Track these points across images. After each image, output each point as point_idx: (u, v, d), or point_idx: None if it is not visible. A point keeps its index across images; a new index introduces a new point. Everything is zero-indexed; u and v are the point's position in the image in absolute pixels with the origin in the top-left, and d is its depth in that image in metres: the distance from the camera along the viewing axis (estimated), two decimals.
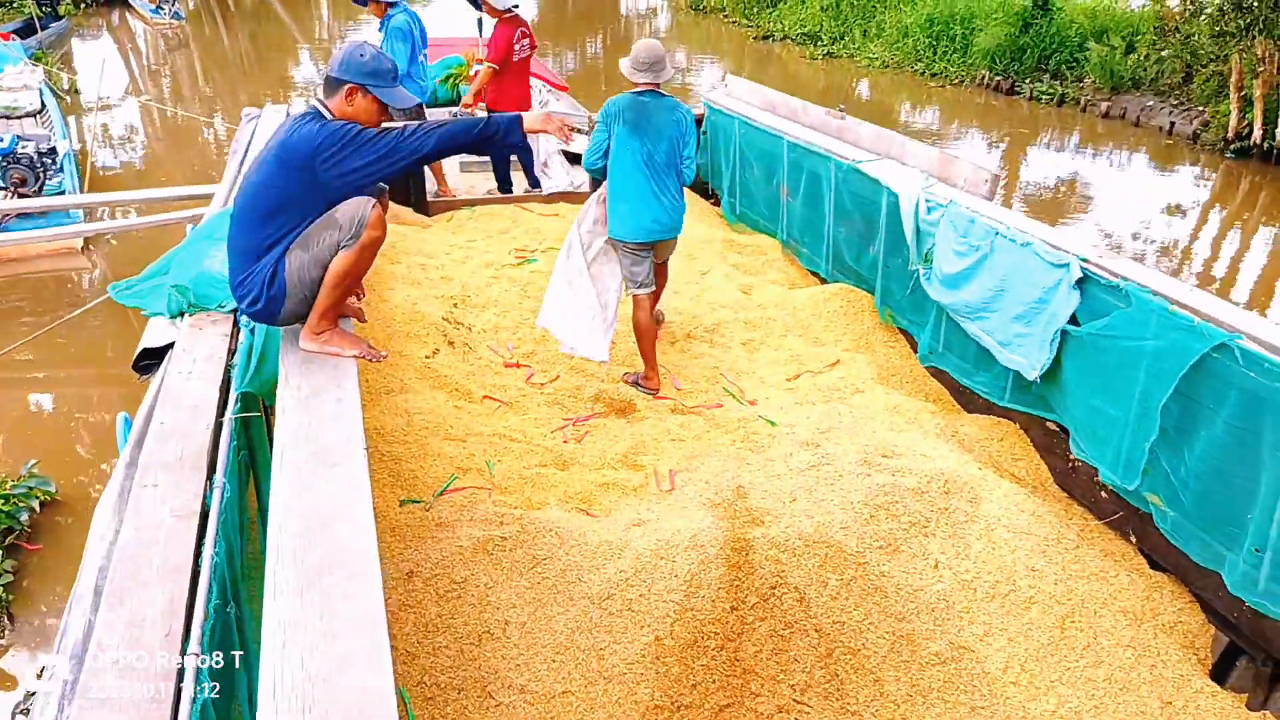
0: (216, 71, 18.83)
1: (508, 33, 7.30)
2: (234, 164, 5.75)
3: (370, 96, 3.09)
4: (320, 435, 2.57)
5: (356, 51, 3.11)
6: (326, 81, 3.13)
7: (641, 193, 4.85)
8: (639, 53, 4.91)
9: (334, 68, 3.10)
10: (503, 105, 7.34)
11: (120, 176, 11.08)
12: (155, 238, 8.51)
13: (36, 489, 4.95)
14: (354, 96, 3.09)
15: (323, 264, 2.99)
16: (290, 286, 3.01)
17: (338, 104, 3.10)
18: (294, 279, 3.00)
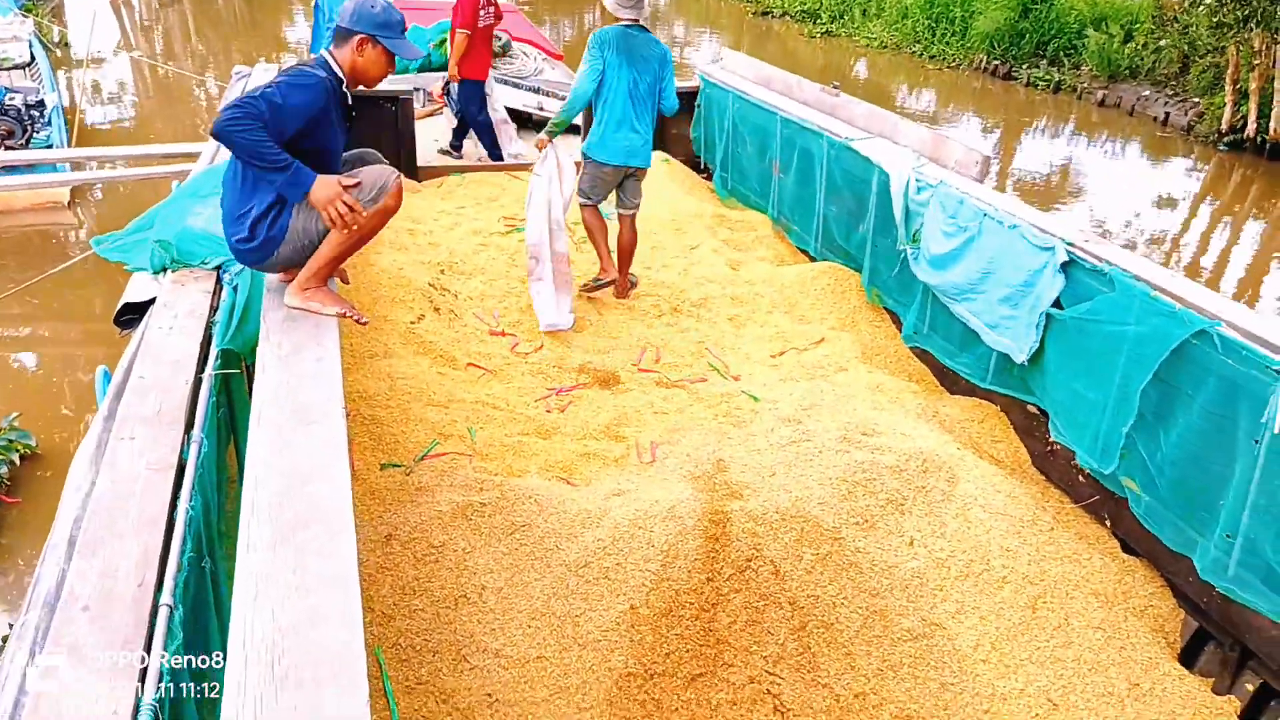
0: (209, 29, 18.64)
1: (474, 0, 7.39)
2: None
3: (380, 47, 3.15)
4: (299, 393, 2.57)
5: (368, 4, 3.14)
6: (337, 32, 3.16)
7: (625, 119, 5.27)
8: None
9: (345, 19, 3.14)
10: (466, 71, 7.53)
11: (109, 132, 10.99)
12: (141, 194, 8.45)
13: (17, 442, 4.93)
14: (364, 47, 3.14)
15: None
16: (291, 232, 3.03)
17: (347, 54, 3.16)
18: (298, 225, 3.03)
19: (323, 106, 3.03)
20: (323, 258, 3.04)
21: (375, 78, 3.24)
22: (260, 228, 3.03)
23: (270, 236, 3.04)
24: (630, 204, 5.59)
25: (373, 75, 3.21)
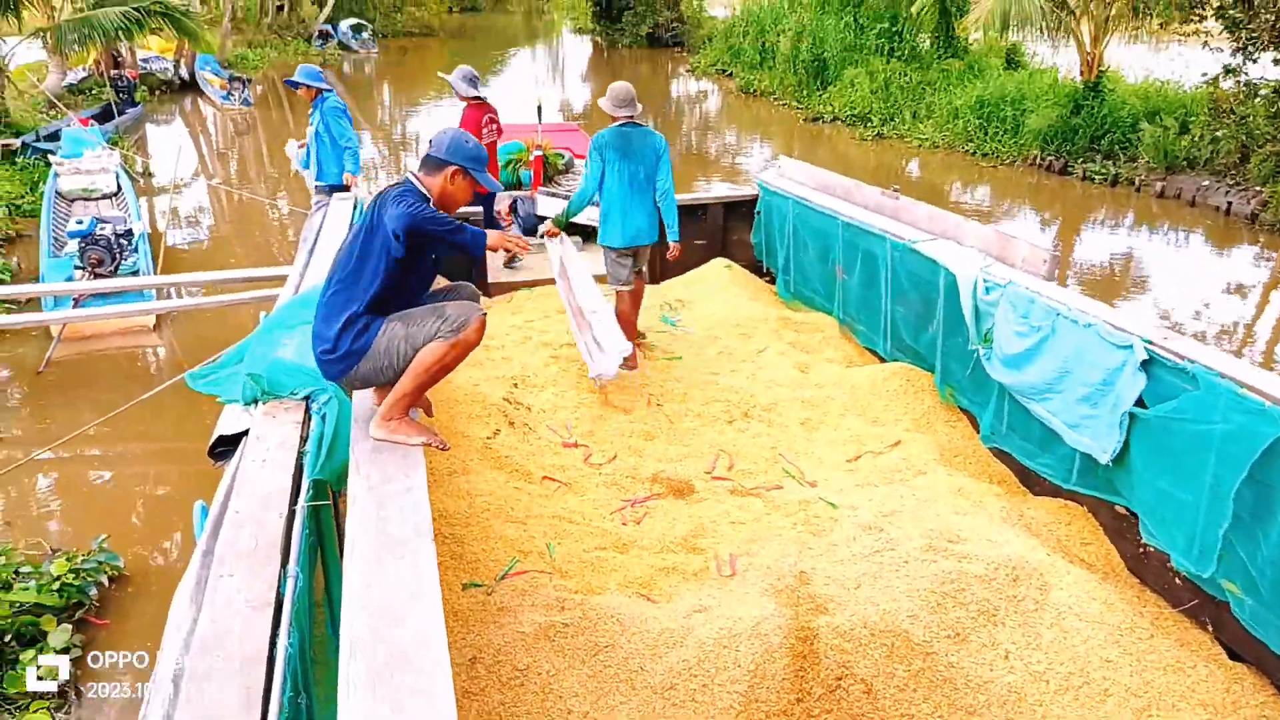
0: (280, 155, 19.49)
1: (475, 116, 7.67)
2: (304, 251, 5.92)
3: (470, 179, 3.42)
4: (390, 525, 2.61)
5: (461, 138, 3.44)
6: (427, 160, 3.41)
7: (627, 207, 5.94)
8: (618, 93, 6.02)
9: (440, 150, 3.40)
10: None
11: (189, 256, 11.45)
12: (224, 315, 8.78)
13: (105, 564, 5.04)
14: (456, 178, 3.40)
15: (415, 345, 3.14)
16: (375, 350, 3.17)
17: (438, 182, 3.40)
18: (382, 344, 3.16)
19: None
20: (404, 389, 3.14)
21: (459, 204, 3.50)
22: (344, 339, 3.19)
23: (353, 350, 3.19)
24: (640, 267, 6.24)
25: (458, 202, 3.47)
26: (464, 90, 7.67)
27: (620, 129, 5.95)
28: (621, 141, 5.92)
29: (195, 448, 6.87)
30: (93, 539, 5.30)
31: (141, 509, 6.31)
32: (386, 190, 3.37)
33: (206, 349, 7.64)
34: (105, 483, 6.67)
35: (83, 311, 8.03)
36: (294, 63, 31.92)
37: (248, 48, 30.67)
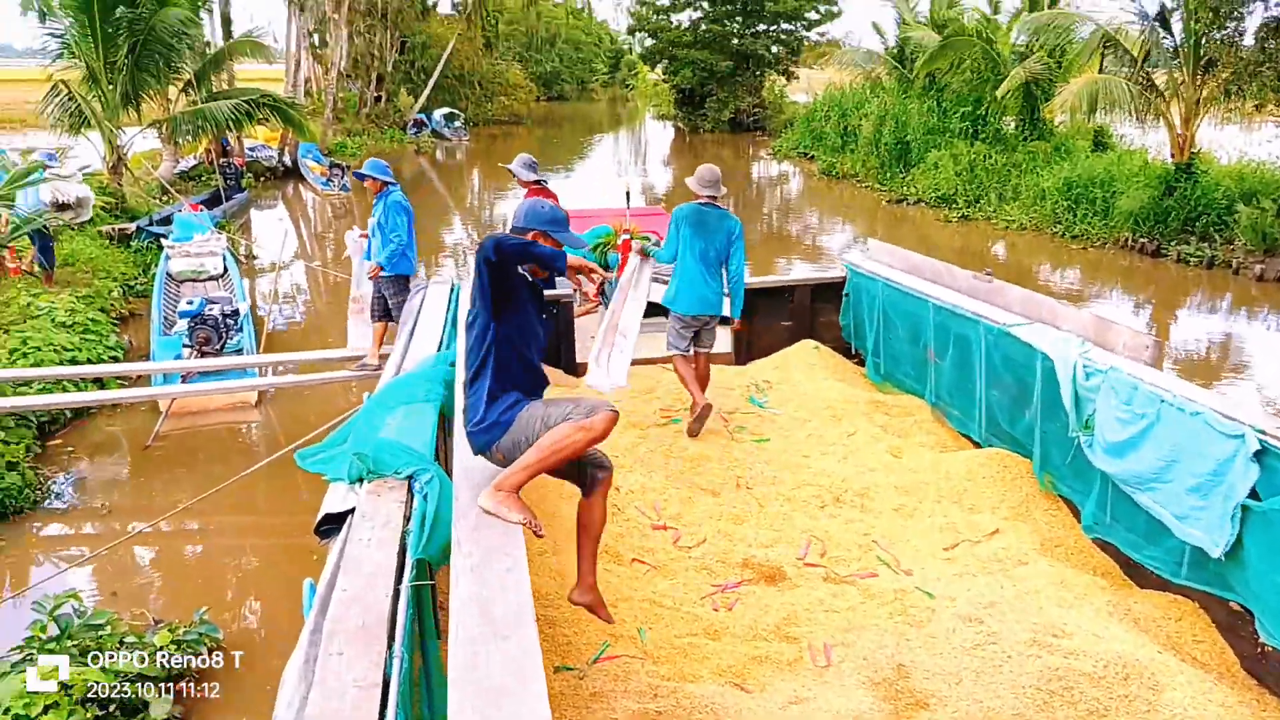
0: None
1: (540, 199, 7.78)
2: (404, 332, 6.10)
3: (551, 240, 3.63)
4: (492, 605, 2.64)
5: (536, 205, 3.71)
6: (513, 231, 3.66)
7: (695, 279, 6.30)
8: (704, 175, 6.40)
9: (519, 219, 3.68)
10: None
11: (287, 335, 11.88)
12: (321, 393, 9.06)
13: (206, 636, 5.17)
14: (537, 242, 3.56)
15: (549, 424, 3.28)
16: (516, 426, 3.37)
17: None
18: (523, 421, 3.36)
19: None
20: (525, 463, 3.24)
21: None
22: (492, 412, 3.40)
23: (499, 422, 3.39)
24: (706, 345, 6.51)
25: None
26: (525, 176, 8.00)
27: (699, 206, 6.34)
28: (698, 218, 6.31)
29: (291, 522, 7.12)
30: (194, 611, 5.44)
31: (240, 582, 6.46)
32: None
33: (304, 426, 7.90)
34: (206, 555, 6.87)
35: (190, 387, 8.37)
36: (390, 150, 33.36)
37: (347, 136, 32.10)
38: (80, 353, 9.26)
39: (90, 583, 6.19)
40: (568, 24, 64.23)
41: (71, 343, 9.31)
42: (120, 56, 15.26)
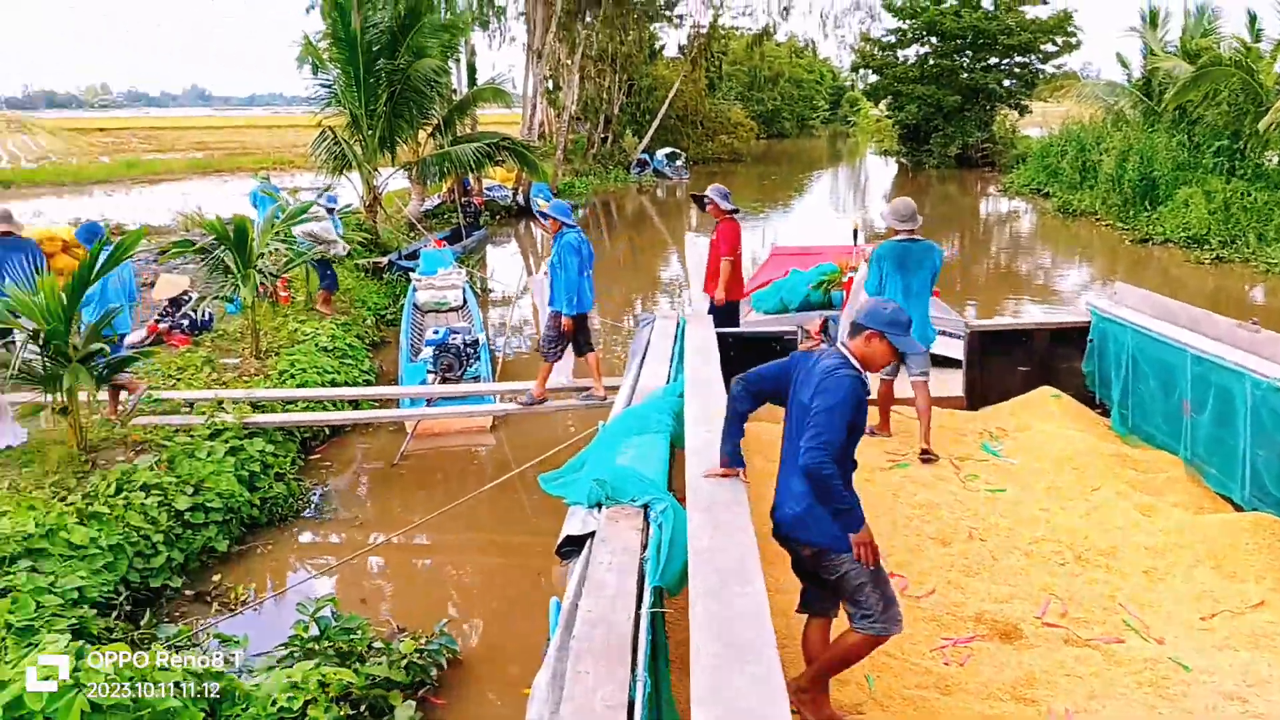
0: (597, 269, 20.91)
1: (735, 228, 8.08)
2: (633, 364, 6.29)
3: (887, 342, 3.68)
4: (733, 630, 2.68)
5: (880, 305, 3.79)
6: (853, 326, 3.76)
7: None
8: (900, 208, 6.55)
9: (860, 316, 3.76)
10: (732, 295, 8.10)
11: (516, 363, 12.45)
12: (550, 420, 9.45)
13: (445, 647, 5.47)
14: (872, 341, 3.69)
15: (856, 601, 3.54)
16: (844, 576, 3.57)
17: (858, 344, 3.72)
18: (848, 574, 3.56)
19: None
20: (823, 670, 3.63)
21: (879, 365, 3.78)
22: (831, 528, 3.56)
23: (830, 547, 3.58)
24: (916, 372, 6.52)
25: (877, 363, 3.75)
26: (724, 205, 8.06)
27: (900, 243, 6.48)
28: (900, 255, 6.47)
29: (519, 542, 7.46)
30: (434, 622, 5.78)
31: (473, 596, 6.82)
32: (816, 358, 3.67)
33: (531, 450, 8.28)
34: (443, 568, 7.30)
35: (434, 411, 8.95)
36: (615, 189, 34.56)
37: (575, 176, 33.51)
38: (339, 375, 10.11)
39: (342, 588, 6.70)
40: (790, 63, 64.43)
41: (332, 365, 10.18)
42: (380, 104, 16.65)
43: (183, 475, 7.04)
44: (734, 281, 8.14)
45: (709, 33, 37.52)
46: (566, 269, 7.89)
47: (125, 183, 37.04)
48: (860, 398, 3.53)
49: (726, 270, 8.02)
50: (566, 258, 7.91)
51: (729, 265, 8.00)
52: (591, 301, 8.24)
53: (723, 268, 8.02)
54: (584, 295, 8.06)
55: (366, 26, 15.99)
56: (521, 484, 8.22)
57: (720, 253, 8.05)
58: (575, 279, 7.92)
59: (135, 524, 6.35)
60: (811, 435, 3.41)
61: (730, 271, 8.03)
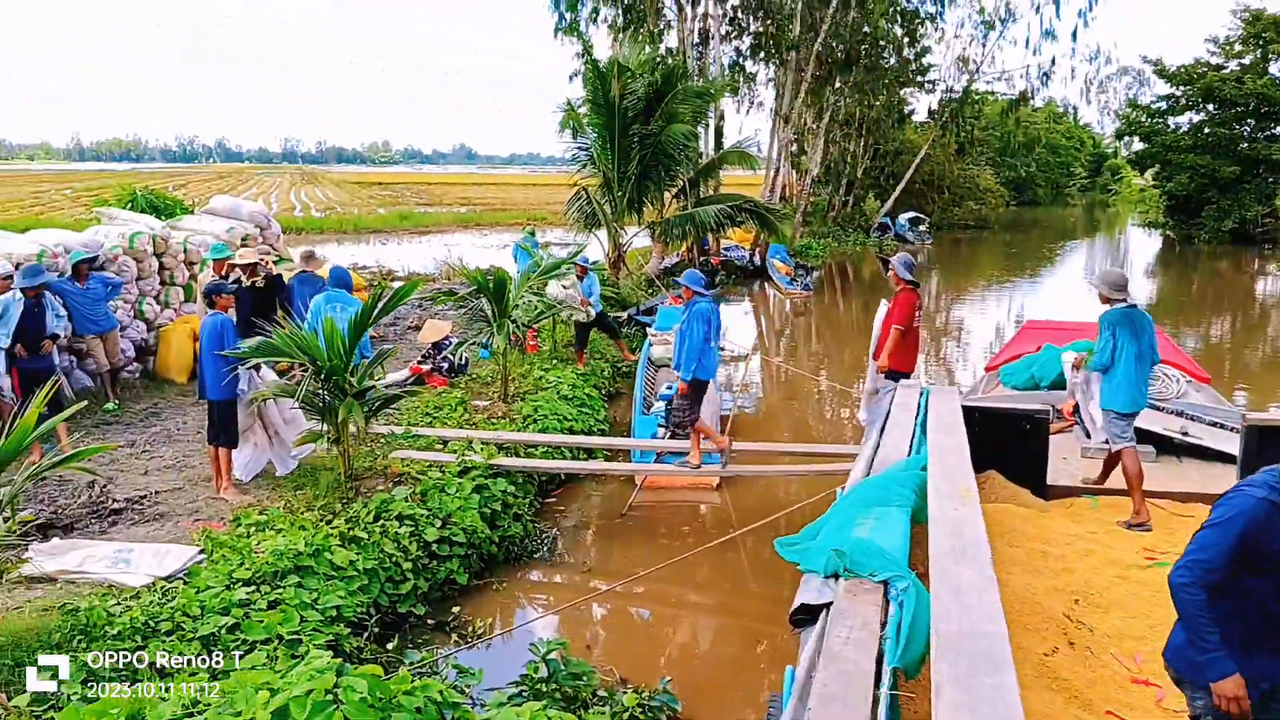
0: (828, 331, 20.73)
1: (911, 299, 8.17)
2: (872, 433, 6.17)
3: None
4: (979, 715, 2.55)
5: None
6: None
7: (1133, 379, 6.60)
8: (1114, 278, 6.81)
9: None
10: (896, 364, 8.17)
11: (744, 422, 12.48)
12: (775, 483, 9.40)
13: (666, 705, 5.49)
14: None
15: None
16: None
17: None
18: None
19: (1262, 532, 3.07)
20: None
21: None
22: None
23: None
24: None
25: None
26: (904, 275, 8.17)
27: (1126, 310, 6.67)
28: (1129, 321, 6.64)
29: (739, 604, 7.42)
30: (654, 674, 5.85)
31: (695, 654, 6.84)
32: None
33: (757, 511, 8.25)
34: (664, 622, 7.37)
35: (662, 467, 9.12)
36: (853, 252, 34.25)
37: (813, 238, 33.49)
38: (577, 423, 10.51)
39: (568, 631, 6.90)
40: (1047, 128, 61.80)
41: (570, 413, 10.60)
42: (631, 167, 17.38)
43: (433, 508, 7.51)
44: (901, 351, 8.19)
45: (962, 97, 36.64)
46: (692, 336, 8.13)
47: (398, 233, 40.48)
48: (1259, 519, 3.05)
49: (894, 340, 8.13)
50: (695, 325, 8.15)
51: (897, 334, 8.12)
52: (715, 370, 8.51)
53: (891, 336, 8.13)
54: (707, 362, 8.30)
55: (625, 94, 16.79)
56: (743, 545, 8.20)
57: (892, 321, 8.15)
58: (698, 345, 8.14)
59: (389, 550, 6.82)
60: (1188, 549, 3.14)
61: (898, 341, 8.12)
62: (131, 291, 11.27)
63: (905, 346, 8.25)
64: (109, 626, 5.29)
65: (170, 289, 12.16)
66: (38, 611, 5.57)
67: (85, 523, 7.20)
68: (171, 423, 9.90)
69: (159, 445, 9.15)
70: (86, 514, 7.34)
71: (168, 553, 6.40)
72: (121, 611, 5.48)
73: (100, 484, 7.73)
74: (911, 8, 33.53)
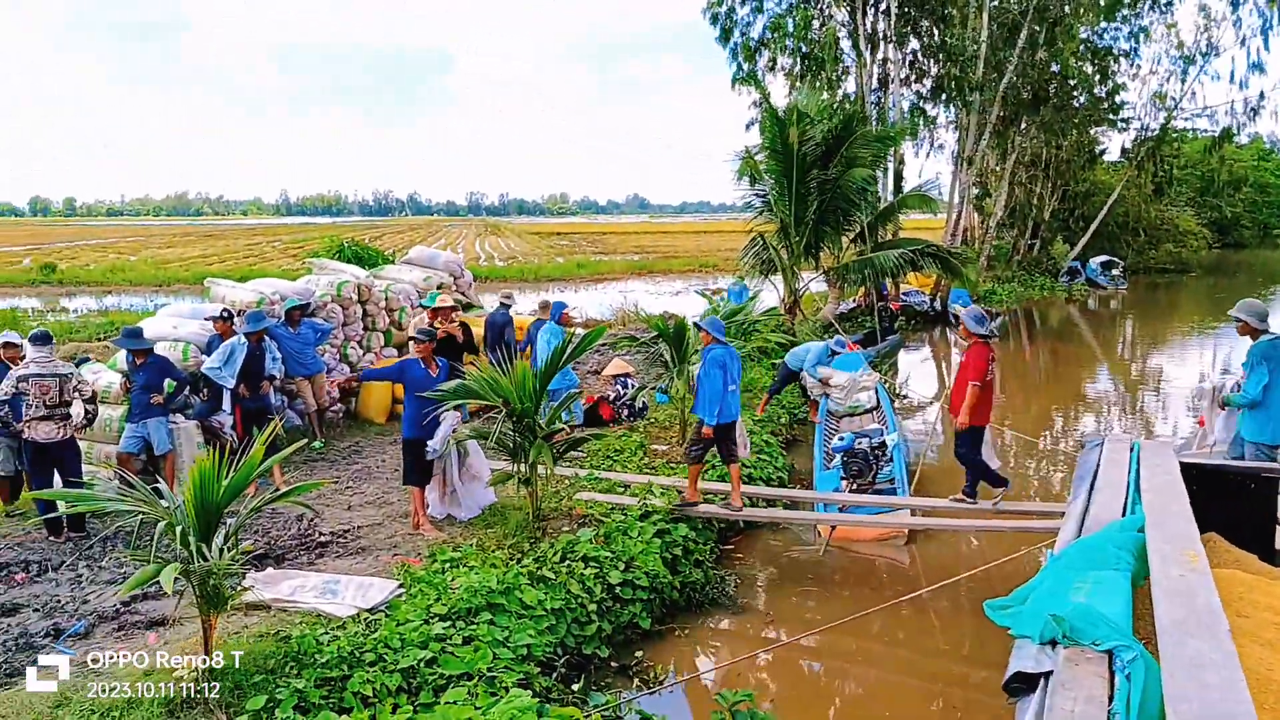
0: (1013, 380, 19.80)
1: (984, 352, 8.08)
2: (1080, 491, 5.83)
3: None
4: None
5: None
6: None
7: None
8: (1255, 308, 7.20)
9: None
10: (976, 420, 8.12)
11: (935, 474, 12.00)
12: (963, 539, 9.01)
13: None
14: None
15: None
16: None
17: None
18: None
19: None
20: None
21: None
22: None
23: None
24: None
25: None
26: (975, 329, 8.10)
27: (1273, 341, 6.97)
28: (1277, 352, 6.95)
29: (926, 662, 7.11)
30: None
31: (878, 714, 6.59)
32: None
33: (946, 569, 7.93)
34: (847, 677, 7.15)
35: (845, 517, 8.91)
36: (1039, 297, 32.78)
37: (996, 283, 32.25)
38: (755, 470, 10.41)
39: (749, 682, 6.78)
40: (1254, 166, 57.54)
41: (749, 460, 10.51)
42: (808, 212, 17.30)
43: (616, 551, 7.59)
44: (980, 407, 8.11)
45: (1159, 135, 34.66)
46: (710, 380, 8.29)
47: (575, 280, 41.65)
48: None
49: (974, 395, 7.99)
50: (711, 370, 8.31)
51: (975, 390, 7.98)
52: (737, 412, 8.59)
53: (969, 392, 7.99)
54: (728, 406, 8.39)
55: (803, 140, 16.78)
56: (931, 602, 7.88)
57: (968, 377, 8.03)
58: (719, 390, 8.27)
59: (575, 591, 6.92)
60: None
61: (977, 397, 7.98)
62: (338, 336, 12.03)
63: (982, 401, 8.14)
64: (318, 654, 5.57)
65: (372, 334, 12.92)
66: (254, 637, 5.94)
67: (294, 554, 7.66)
68: (372, 460, 10.46)
69: (360, 482, 9.67)
70: (296, 545, 7.82)
71: (371, 585, 6.72)
72: (329, 640, 5.77)
73: (308, 518, 8.23)
74: (1104, 45, 32.11)
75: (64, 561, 7.51)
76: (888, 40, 25.61)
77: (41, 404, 7.80)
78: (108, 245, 66.56)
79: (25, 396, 7.82)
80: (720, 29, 25.20)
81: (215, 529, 5.19)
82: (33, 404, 7.80)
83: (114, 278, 39.69)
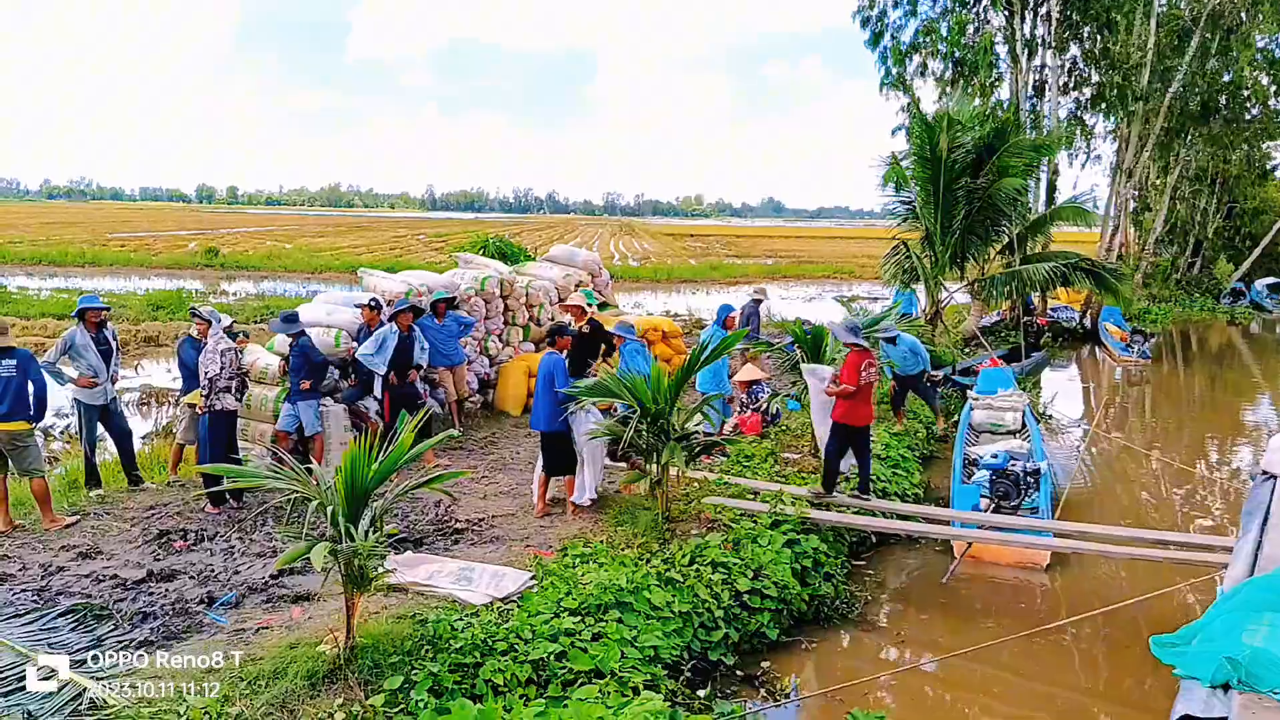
0: (1166, 405, 18.73)
1: (856, 360, 8.41)
2: (1252, 527, 5.44)
3: None
4: None
5: None
6: None
7: None
8: None
9: None
10: (851, 419, 8.51)
11: (1083, 499, 11.45)
12: (1112, 568, 8.55)
13: None
14: None
15: None
16: None
17: None
18: None
19: None
20: None
21: None
22: None
23: None
24: None
25: None
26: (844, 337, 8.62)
27: None
28: None
29: (1065, 697, 6.77)
30: None
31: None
32: None
33: (1091, 599, 7.52)
34: (980, 706, 6.85)
35: (987, 535, 8.56)
36: (1198, 319, 30.97)
37: (1151, 301, 30.63)
38: (890, 485, 10.15)
39: (879, 701, 6.60)
40: None
41: (885, 474, 10.26)
42: (955, 221, 16.78)
43: (745, 558, 7.51)
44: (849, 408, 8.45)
45: None
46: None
47: (707, 283, 41.59)
48: None
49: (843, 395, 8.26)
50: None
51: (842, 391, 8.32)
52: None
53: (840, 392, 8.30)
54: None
55: (953, 147, 16.28)
56: (1074, 634, 7.51)
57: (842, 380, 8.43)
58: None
59: (702, 596, 6.88)
60: None
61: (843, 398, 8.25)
62: (479, 329, 12.33)
63: (856, 404, 8.50)
64: (453, 640, 5.70)
65: (512, 329, 13.19)
66: (392, 618, 6.12)
67: (432, 539, 7.87)
68: (507, 451, 10.67)
69: (495, 472, 9.88)
70: (433, 531, 8.04)
71: (504, 575, 6.84)
72: (464, 627, 5.89)
73: (446, 505, 8.44)
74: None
75: (219, 533, 7.93)
76: (1046, 46, 24.63)
77: (230, 375, 8.26)
78: (265, 233, 70.23)
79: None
80: (870, 32, 24.75)
81: (363, 511, 5.36)
82: (222, 376, 8.24)
83: (270, 264, 41.86)
